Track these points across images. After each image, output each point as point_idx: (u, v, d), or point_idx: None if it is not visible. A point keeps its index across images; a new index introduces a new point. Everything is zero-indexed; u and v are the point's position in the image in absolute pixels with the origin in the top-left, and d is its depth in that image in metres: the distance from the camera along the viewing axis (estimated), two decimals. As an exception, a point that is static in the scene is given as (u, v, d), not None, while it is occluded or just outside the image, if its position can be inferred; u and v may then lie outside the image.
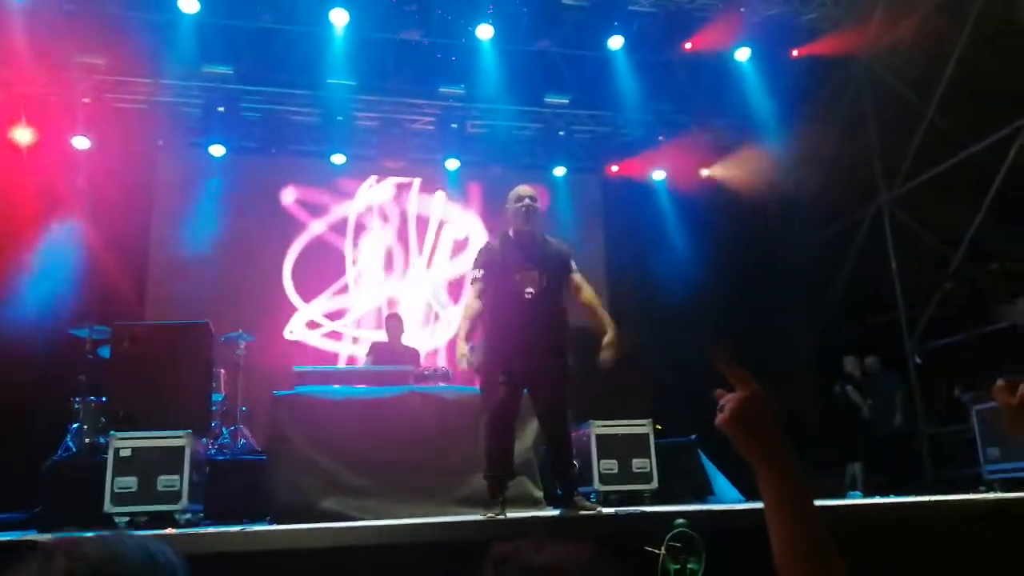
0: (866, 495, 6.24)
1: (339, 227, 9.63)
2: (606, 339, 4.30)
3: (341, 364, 9.09)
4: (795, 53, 8.94)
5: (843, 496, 6.70)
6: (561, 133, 9.75)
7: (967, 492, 5.78)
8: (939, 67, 7.83)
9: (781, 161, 8.80)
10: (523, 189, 4.45)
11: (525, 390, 4.29)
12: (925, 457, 7.83)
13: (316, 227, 9.55)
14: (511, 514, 4.15)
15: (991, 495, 5.53)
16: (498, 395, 4.11)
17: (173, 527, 4.57)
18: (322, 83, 8.72)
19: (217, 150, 9.01)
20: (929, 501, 4.41)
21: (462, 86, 9.05)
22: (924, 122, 8.02)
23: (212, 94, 8.75)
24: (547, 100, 9.39)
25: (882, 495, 5.67)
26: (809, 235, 9.62)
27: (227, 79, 8.58)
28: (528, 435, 5.40)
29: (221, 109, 8.82)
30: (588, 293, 4.45)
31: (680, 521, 3.29)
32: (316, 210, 9.58)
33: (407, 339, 7.40)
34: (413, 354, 7.01)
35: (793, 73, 9.26)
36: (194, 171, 9.17)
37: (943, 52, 7.77)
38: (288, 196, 9.53)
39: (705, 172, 10.10)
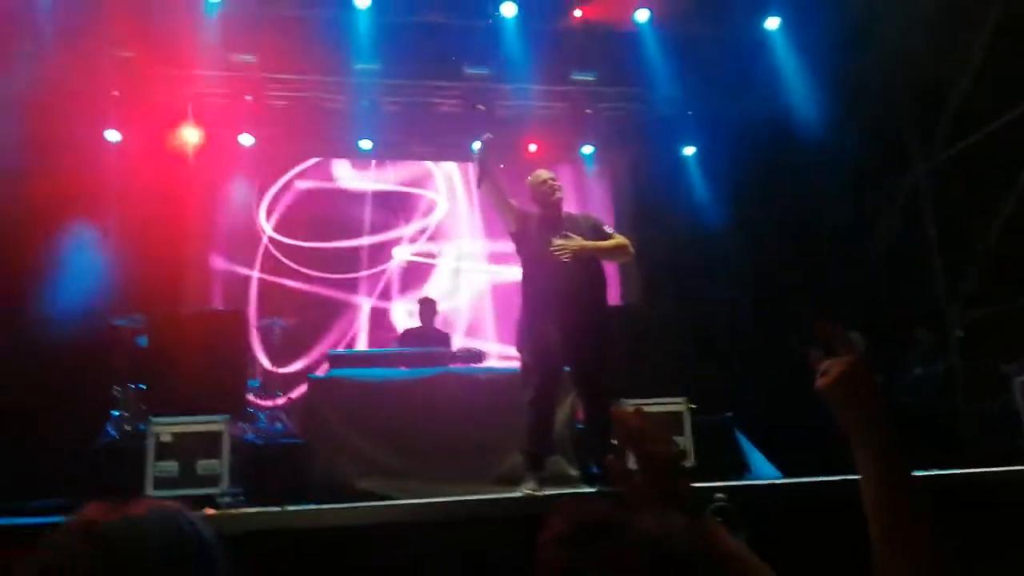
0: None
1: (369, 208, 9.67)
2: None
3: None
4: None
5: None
6: (588, 111, 9.65)
7: (1011, 465, 5.65)
8: (975, 34, 7.59)
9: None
10: (542, 172, 4.49)
11: (566, 367, 4.28)
12: (967, 430, 7.68)
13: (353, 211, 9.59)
14: (547, 491, 4.15)
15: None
16: (540, 371, 4.10)
17: (214, 508, 4.65)
18: (347, 68, 8.72)
19: (246, 139, 9.07)
20: (974, 472, 4.33)
21: (486, 68, 8.99)
22: (958, 92, 7.79)
23: (239, 83, 8.79)
24: (573, 78, 9.30)
25: (923, 469, 5.57)
26: (843, 207, 9.44)
27: (252, 68, 8.62)
28: (561, 414, 5.39)
29: (249, 98, 8.86)
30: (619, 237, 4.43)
31: (719, 495, 3.27)
32: (348, 195, 9.63)
33: (440, 323, 7.44)
34: (444, 338, 7.04)
35: (824, 43, 9.06)
36: (225, 160, 9.24)
37: (978, 18, 7.53)
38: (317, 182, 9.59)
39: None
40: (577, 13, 8.81)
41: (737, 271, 8.99)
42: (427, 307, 7.15)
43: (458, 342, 9.11)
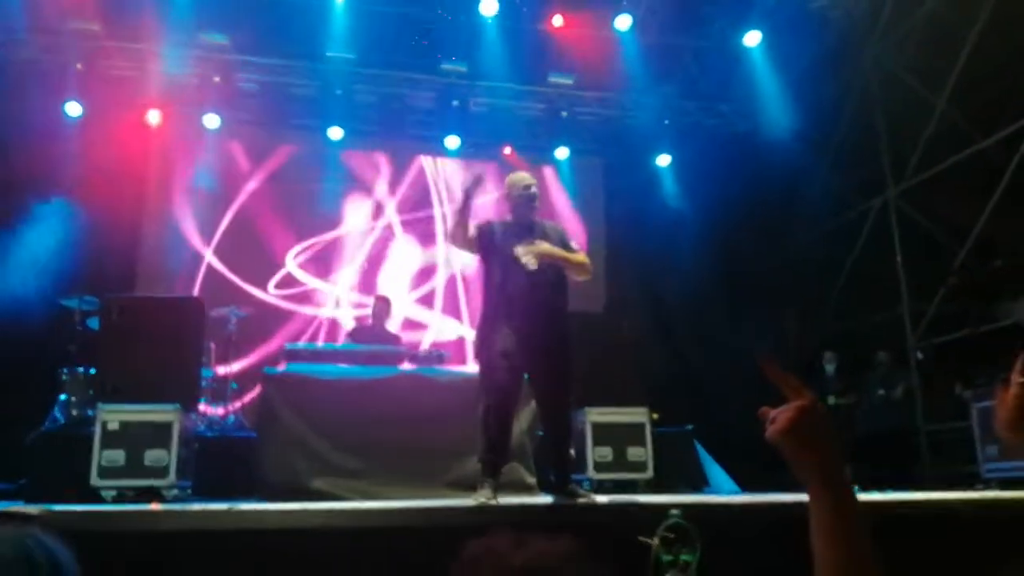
0: (862, 490, 6.19)
1: (334, 197, 9.50)
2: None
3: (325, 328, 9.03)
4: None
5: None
6: (564, 114, 9.60)
7: (964, 489, 5.73)
8: (950, 60, 7.69)
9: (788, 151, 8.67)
10: (525, 176, 4.35)
11: (526, 375, 4.19)
12: (923, 453, 7.78)
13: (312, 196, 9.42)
14: (503, 500, 4.07)
15: (988, 493, 5.49)
16: (499, 379, 4.00)
17: (160, 502, 4.50)
18: (321, 55, 8.57)
19: (212, 121, 8.84)
20: (929, 499, 4.36)
21: (465, 63, 8.90)
22: (934, 116, 7.89)
23: (208, 64, 8.58)
24: (551, 80, 9.24)
25: (879, 491, 5.61)
26: (815, 228, 9.53)
27: (224, 49, 8.43)
28: (523, 420, 5.31)
29: (217, 79, 8.65)
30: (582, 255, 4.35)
31: (674, 512, 3.22)
32: (311, 181, 9.43)
33: (392, 325, 7.31)
34: (394, 340, 6.90)
35: (803, 62, 9.13)
36: (188, 142, 9.01)
37: (955, 44, 7.63)
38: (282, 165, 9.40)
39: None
40: (557, 22, 8.77)
41: (707, 283, 9.00)
42: (382, 305, 6.99)
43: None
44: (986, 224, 7.29)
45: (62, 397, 5.91)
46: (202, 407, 6.21)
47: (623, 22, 8.60)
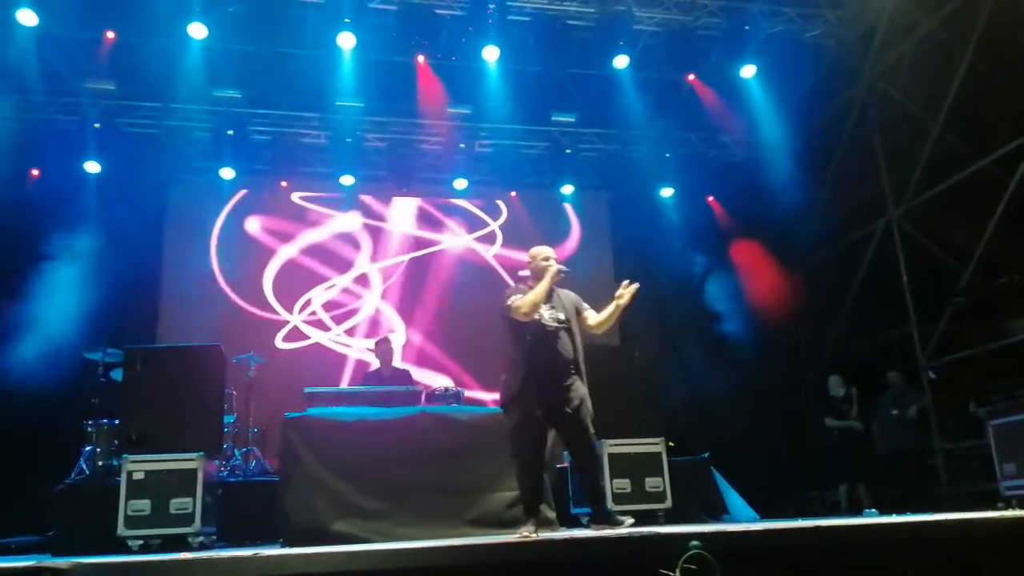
0: (881, 513, 6.18)
1: (343, 246, 9.68)
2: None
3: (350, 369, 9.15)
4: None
5: (860, 514, 6.65)
6: (568, 151, 9.79)
7: (984, 509, 5.71)
8: (945, 83, 7.82)
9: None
10: (547, 249, 4.66)
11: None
12: (940, 472, 7.75)
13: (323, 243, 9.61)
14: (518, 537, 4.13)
15: (1010, 512, 5.47)
16: (528, 441, 4.35)
17: (186, 550, 4.57)
18: (331, 105, 8.81)
19: (227, 173, 9.08)
20: (952, 519, 4.37)
21: (469, 106, 9.12)
22: (932, 137, 8.00)
23: (221, 118, 8.83)
24: (554, 119, 9.45)
25: (898, 513, 5.61)
26: (819, 251, 9.61)
27: (236, 103, 8.69)
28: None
29: (230, 132, 8.90)
30: (593, 314, 4.76)
31: (695, 543, 3.26)
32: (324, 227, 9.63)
33: (397, 361, 7.42)
34: (404, 375, 6.99)
35: (799, 89, 9.30)
36: (204, 193, 9.25)
37: (948, 67, 7.77)
38: (302, 216, 9.61)
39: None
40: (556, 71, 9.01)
41: (716, 314, 9.09)
42: (384, 347, 7.11)
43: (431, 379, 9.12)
44: (989, 242, 7.35)
45: (87, 449, 6.02)
46: (224, 452, 6.31)
47: (621, 61, 8.79)
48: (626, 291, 4.62)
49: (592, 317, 4.71)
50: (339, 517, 4.81)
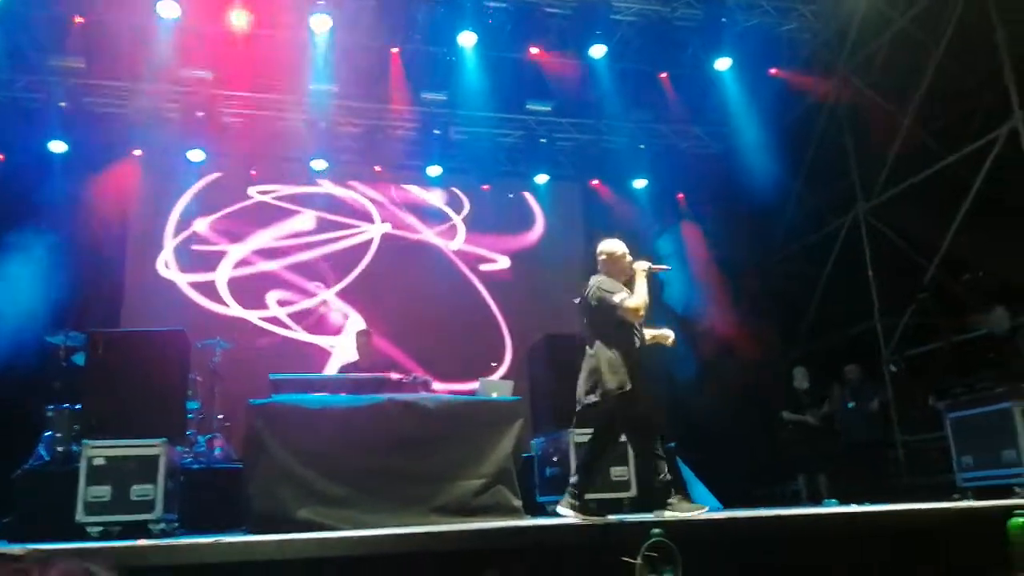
0: (842, 503, 6.28)
1: (310, 231, 9.55)
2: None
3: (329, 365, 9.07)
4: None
5: (820, 504, 6.75)
6: (543, 140, 9.77)
7: (941, 500, 5.84)
8: (915, 79, 7.91)
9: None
10: (623, 245, 4.79)
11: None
12: (900, 464, 7.90)
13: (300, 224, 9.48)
14: (484, 525, 4.15)
15: (965, 503, 5.60)
16: (618, 418, 4.50)
17: (146, 537, 4.52)
18: (304, 89, 8.70)
19: (196, 155, 8.94)
20: (908, 510, 4.46)
21: (445, 92, 9.05)
22: (901, 133, 8.09)
23: (191, 99, 8.68)
24: (529, 107, 9.42)
25: (857, 503, 5.71)
26: (789, 244, 9.70)
27: (207, 84, 8.55)
28: (505, 445, 5.39)
29: (201, 114, 8.76)
30: None
31: (657, 531, 3.30)
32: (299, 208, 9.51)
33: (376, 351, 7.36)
34: (386, 363, 6.95)
35: (773, 84, 9.35)
36: (172, 177, 9.10)
37: (919, 64, 7.86)
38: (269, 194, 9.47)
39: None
40: (533, 51, 8.96)
41: (685, 303, 9.14)
42: (364, 339, 7.06)
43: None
44: (954, 238, 7.46)
45: (47, 434, 5.92)
46: (188, 439, 6.24)
47: (598, 51, 8.78)
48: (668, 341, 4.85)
49: None
50: (304, 504, 4.77)
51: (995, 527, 3.66)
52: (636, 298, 4.49)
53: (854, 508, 5.14)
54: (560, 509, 4.45)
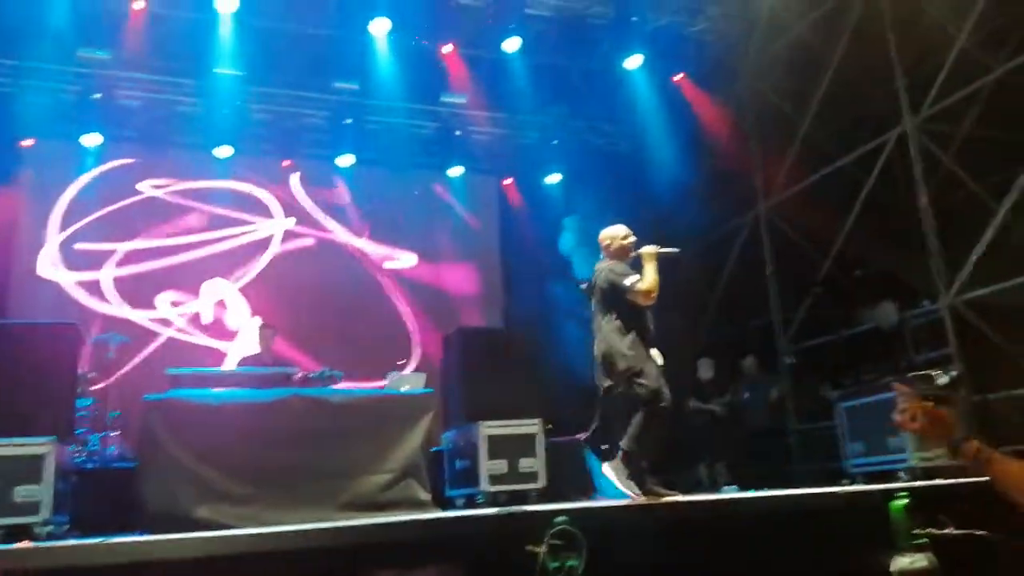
0: (742, 488, 6.52)
1: (206, 227, 9.15)
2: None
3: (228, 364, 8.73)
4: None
5: (719, 491, 6.98)
6: (458, 133, 9.72)
7: (831, 485, 6.13)
8: (814, 83, 8.26)
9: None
10: (625, 228, 4.97)
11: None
12: (794, 452, 8.26)
13: (194, 221, 9.10)
14: (391, 519, 4.11)
15: (853, 487, 5.90)
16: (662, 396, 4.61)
17: (30, 539, 4.28)
18: (209, 72, 8.39)
19: (91, 140, 8.49)
20: (801, 494, 4.67)
21: (356, 81, 8.89)
22: (799, 135, 8.44)
23: (86, 80, 8.24)
24: (443, 99, 9.35)
25: (754, 488, 5.93)
26: (693, 240, 9.96)
27: (104, 64, 8.13)
28: (416, 437, 5.36)
29: (97, 96, 8.33)
30: None
31: (561, 519, 3.34)
32: (193, 204, 9.13)
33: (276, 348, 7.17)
34: (286, 362, 6.80)
35: (682, 83, 9.59)
36: (66, 161, 8.62)
37: (818, 69, 8.20)
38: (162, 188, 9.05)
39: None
40: (446, 50, 8.91)
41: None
42: (267, 333, 6.88)
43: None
44: (847, 236, 7.84)
45: (-76, 433, 5.51)
46: (79, 437, 5.94)
47: (512, 44, 8.79)
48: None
49: None
50: (203, 503, 4.62)
51: (879, 509, 3.89)
52: (647, 281, 4.57)
53: (752, 494, 5.35)
54: (634, 500, 4.51)
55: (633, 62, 9.13)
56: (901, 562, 3.76)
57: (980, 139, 7.36)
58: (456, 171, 10.03)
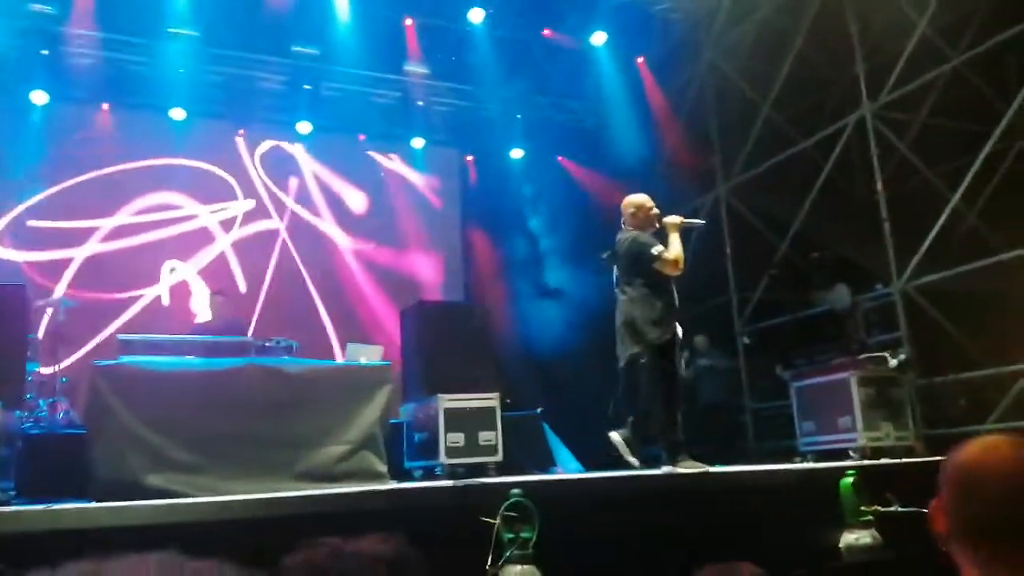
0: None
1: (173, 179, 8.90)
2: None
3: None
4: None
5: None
6: (420, 103, 9.58)
7: (784, 462, 6.27)
8: (777, 66, 8.32)
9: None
10: (647, 198, 4.96)
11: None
12: (748, 430, 8.42)
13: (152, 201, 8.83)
14: (347, 489, 4.08)
15: (805, 465, 6.04)
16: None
17: (-29, 507, 4.15)
18: (163, 32, 8.11)
19: (39, 97, 8.17)
20: (756, 471, 4.76)
21: (317, 46, 8.68)
22: (760, 118, 8.50)
23: (32, 36, 7.91)
24: (406, 68, 9.20)
25: (710, 464, 6.02)
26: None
27: (51, 19, 7.81)
28: (373, 409, 5.32)
29: (45, 52, 8.01)
30: None
31: (515, 491, 3.36)
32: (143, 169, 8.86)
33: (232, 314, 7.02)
34: (239, 327, 6.65)
35: (647, 61, 9.58)
36: (11, 119, 8.27)
37: (780, 52, 8.26)
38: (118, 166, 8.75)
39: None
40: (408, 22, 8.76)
41: (557, 273, 9.30)
42: (222, 300, 6.73)
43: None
44: (805, 219, 7.96)
45: None
46: (27, 403, 5.77)
47: (476, 15, 8.67)
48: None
49: None
50: (154, 471, 4.52)
51: (830, 486, 3.99)
52: (673, 250, 4.54)
53: (707, 469, 5.44)
54: (679, 468, 4.49)
55: (597, 39, 9.08)
56: (848, 538, 3.87)
57: (935, 127, 7.51)
58: (418, 143, 9.90)
